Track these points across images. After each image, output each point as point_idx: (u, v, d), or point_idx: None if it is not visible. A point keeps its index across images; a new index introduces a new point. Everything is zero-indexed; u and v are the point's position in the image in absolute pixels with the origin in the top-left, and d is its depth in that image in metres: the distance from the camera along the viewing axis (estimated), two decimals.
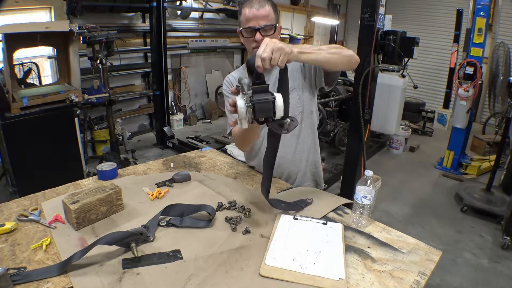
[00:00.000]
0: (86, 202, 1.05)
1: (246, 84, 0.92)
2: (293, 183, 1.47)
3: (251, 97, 0.91)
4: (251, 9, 1.23)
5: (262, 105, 0.91)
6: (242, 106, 0.92)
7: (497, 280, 2.36)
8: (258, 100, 0.91)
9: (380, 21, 2.46)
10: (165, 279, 0.85)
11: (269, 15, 1.24)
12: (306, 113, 1.41)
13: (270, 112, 0.92)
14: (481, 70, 3.71)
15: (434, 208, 3.36)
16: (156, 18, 4.30)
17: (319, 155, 1.53)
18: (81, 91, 3.05)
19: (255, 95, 0.91)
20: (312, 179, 1.51)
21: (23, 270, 0.85)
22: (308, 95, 1.38)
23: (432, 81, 6.68)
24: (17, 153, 2.66)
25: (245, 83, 0.92)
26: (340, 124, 4.38)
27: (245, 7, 1.26)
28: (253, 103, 0.90)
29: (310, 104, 1.41)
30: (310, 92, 1.39)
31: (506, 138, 3.43)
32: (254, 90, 0.92)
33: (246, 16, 1.25)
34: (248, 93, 0.91)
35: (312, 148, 1.47)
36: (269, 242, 0.98)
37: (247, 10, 1.25)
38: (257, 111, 0.91)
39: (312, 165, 1.49)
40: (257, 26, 1.22)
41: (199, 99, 6.19)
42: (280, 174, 1.48)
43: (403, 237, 1.07)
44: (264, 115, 0.93)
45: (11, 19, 3.46)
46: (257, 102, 0.90)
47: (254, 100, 0.90)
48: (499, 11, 5.20)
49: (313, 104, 1.43)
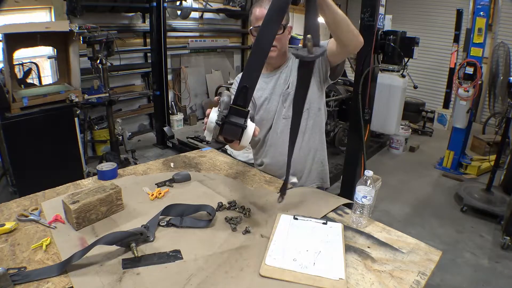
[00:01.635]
0: (86, 202, 1.05)
1: (224, 102, 0.90)
2: (299, 180, 1.47)
3: (224, 117, 0.88)
4: (260, 8, 1.25)
5: (230, 128, 0.89)
6: (212, 120, 0.90)
7: (497, 280, 2.36)
8: (229, 121, 0.89)
9: (380, 21, 2.46)
10: (165, 279, 0.85)
11: None
12: (314, 111, 1.40)
13: (236, 137, 0.91)
14: (481, 70, 3.71)
15: (434, 208, 3.36)
16: (156, 18, 4.30)
17: (325, 153, 1.53)
18: (81, 91, 3.04)
19: (231, 116, 0.89)
20: (318, 177, 1.51)
21: (23, 270, 0.85)
22: (316, 91, 1.37)
23: (432, 81, 6.67)
24: (17, 153, 2.66)
25: (224, 101, 0.90)
26: (340, 124, 4.38)
27: (255, 7, 1.28)
28: (223, 123, 0.89)
29: (318, 101, 1.41)
30: (318, 89, 1.38)
31: (506, 138, 3.43)
32: (232, 111, 0.89)
33: (256, 15, 1.26)
34: (223, 111, 0.89)
35: (319, 146, 1.47)
36: (269, 242, 0.98)
37: (257, 10, 1.26)
38: (224, 131, 0.90)
39: (318, 163, 1.49)
40: None
41: (199, 99, 6.19)
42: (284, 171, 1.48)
43: (403, 237, 1.07)
44: (230, 138, 0.91)
45: (11, 19, 3.46)
46: (227, 123, 0.89)
47: (226, 121, 0.88)
48: (499, 11, 5.19)
49: (321, 101, 1.42)
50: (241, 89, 0.89)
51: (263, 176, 1.49)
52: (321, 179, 1.53)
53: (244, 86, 0.89)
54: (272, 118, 1.43)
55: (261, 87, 1.42)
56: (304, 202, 1.26)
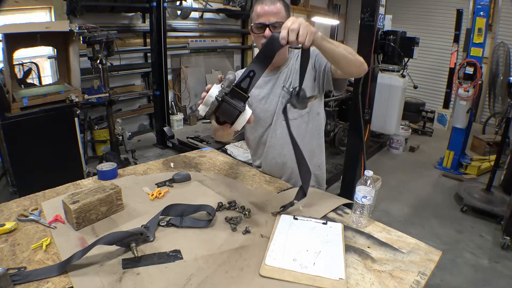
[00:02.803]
0: (86, 202, 1.05)
1: (228, 80, 0.88)
2: (295, 184, 1.47)
3: (225, 94, 0.87)
4: (262, 5, 1.25)
5: (228, 107, 0.88)
6: (212, 95, 0.89)
7: (497, 280, 2.36)
8: (228, 101, 0.87)
9: (380, 21, 2.46)
10: (165, 279, 0.85)
11: (280, 12, 1.25)
12: (313, 115, 1.41)
13: (231, 119, 0.89)
14: (481, 70, 3.71)
15: (434, 208, 3.36)
16: (156, 18, 4.30)
17: (323, 157, 1.52)
18: (81, 91, 3.04)
19: (231, 96, 0.88)
20: (315, 180, 1.51)
21: (23, 270, 0.85)
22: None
23: (432, 81, 6.67)
24: (17, 153, 2.66)
25: (229, 79, 0.88)
26: (340, 124, 4.38)
27: (257, 4, 1.28)
28: (222, 100, 0.87)
29: (318, 105, 1.41)
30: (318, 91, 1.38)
31: (506, 138, 3.43)
32: (233, 93, 0.88)
33: (257, 12, 1.26)
34: (225, 89, 0.87)
35: (317, 150, 1.47)
36: (269, 242, 0.98)
37: (258, 7, 1.27)
38: (220, 109, 0.88)
39: (316, 167, 1.49)
40: (267, 22, 1.24)
41: (199, 99, 6.12)
42: (282, 173, 1.48)
43: (403, 237, 1.07)
44: (224, 118, 0.90)
45: (11, 19, 3.46)
46: (226, 101, 0.87)
47: (225, 99, 0.87)
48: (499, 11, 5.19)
49: (320, 106, 1.43)
50: (248, 73, 0.89)
51: (263, 176, 1.49)
52: (318, 183, 1.53)
53: (251, 71, 0.89)
54: (270, 118, 1.42)
55: (259, 85, 1.40)
56: (304, 202, 1.25)
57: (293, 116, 1.35)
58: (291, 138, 1.13)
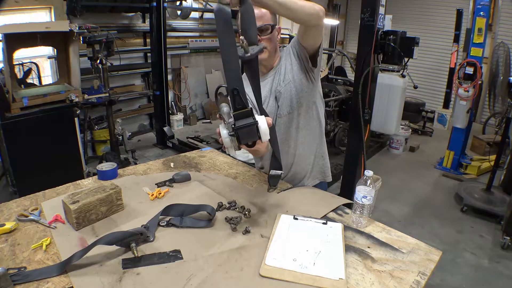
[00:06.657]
0: (86, 202, 1.05)
1: (225, 113, 0.90)
2: (302, 178, 1.47)
3: (233, 125, 0.88)
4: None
5: (244, 131, 0.88)
6: (226, 136, 0.89)
7: (497, 280, 2.36)
8: (240, 127, 0.87)
9: (380, 21, 2.46)
10: (165, 279, 0.85)
11: (265, 15, 1.24)
12: (309, 104, 1.38)
13: (255, 136, 0.89)
14: (481, 70, 3.71)
15: (434, 208, 3.36)
16: (156, 18, 4.30)
17: (325, 146, 1.52)
18: (81, 91, 3.04)
19: (238, 121, 0.88)
20: (320, 172, 1.51)
21: (23, 270, 0.85)
22: (306, 84, 1.34)
23: (432, 81, 6.67)
24: (17, 153, 2.66)
25: (225, 112, 0.90)
26: (340, 124, 4.38)
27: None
28: (236, 131, 0.88)
29: (311, 94, 1.38)
30: (307, 79, 1.34)
31: (506, 138, 3.43)
32: (237, 116, 0.88)
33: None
34: (230, 121, 0.88)
35: (318, 139, 1.47)
36: (269, 242, 0.98)
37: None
38: (240, 137, 0.88)
39: (319, 157, 1.49)
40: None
41: (199, 99, 6.19)
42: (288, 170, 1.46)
43: (403, 237, 1.07)
44: (250, 140, 0.90)
45: (11, 19, 3.46)
46: (239, 129, 0.87)
47: (237, 127, 0.87)
48: (499, 11, 5.19)
49: (314, 94, 1.39)
50: (233, 94, 0.90)
51: (263, 176, 1.49)
52: (323, 173, 1.52)
53: (234, 89, 0.89)
54: (273, 119, 1.42)
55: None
56: (304, 202, 1.26)
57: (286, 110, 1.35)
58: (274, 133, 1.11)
